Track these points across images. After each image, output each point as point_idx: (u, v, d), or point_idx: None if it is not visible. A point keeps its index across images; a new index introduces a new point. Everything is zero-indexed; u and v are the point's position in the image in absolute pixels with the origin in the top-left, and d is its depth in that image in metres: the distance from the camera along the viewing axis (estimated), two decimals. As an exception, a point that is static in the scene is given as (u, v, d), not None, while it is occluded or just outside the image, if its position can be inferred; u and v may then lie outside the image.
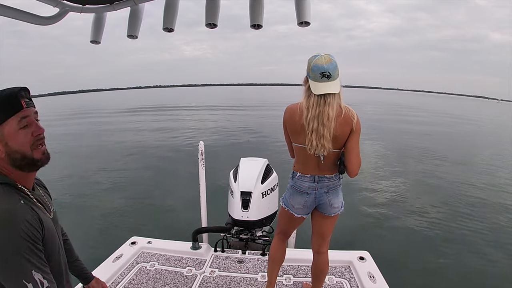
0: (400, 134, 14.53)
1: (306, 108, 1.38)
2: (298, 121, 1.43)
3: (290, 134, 1.53)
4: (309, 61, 1.38)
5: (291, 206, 1.57)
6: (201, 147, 2.38)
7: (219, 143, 10.79)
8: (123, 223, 4.70)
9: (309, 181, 1.50)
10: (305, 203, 1.53)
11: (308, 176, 1.50)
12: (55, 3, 1.39)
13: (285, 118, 1.51)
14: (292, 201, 1.56)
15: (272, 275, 1.73)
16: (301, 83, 1.46)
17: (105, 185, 6.59)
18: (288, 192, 1.59)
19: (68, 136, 13.62)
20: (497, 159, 9.94)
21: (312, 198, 1.51)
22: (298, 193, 1.53)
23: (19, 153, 0.77)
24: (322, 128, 1.35)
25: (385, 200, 5.74)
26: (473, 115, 31.31)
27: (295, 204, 1.55)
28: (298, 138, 1.47)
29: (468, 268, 3.57)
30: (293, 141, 1.52)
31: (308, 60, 1.40)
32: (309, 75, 1.38)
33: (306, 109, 1.38)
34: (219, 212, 2.79)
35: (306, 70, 1.41)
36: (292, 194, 1.56)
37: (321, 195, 1.51)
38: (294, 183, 1.54)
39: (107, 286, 1.36)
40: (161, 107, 32.55)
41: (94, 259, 2.16)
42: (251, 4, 1.43)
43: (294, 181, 1.54)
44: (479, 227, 4.60)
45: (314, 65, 1.35)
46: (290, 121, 1.48)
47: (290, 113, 1.49)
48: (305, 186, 1.50)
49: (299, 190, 1.52)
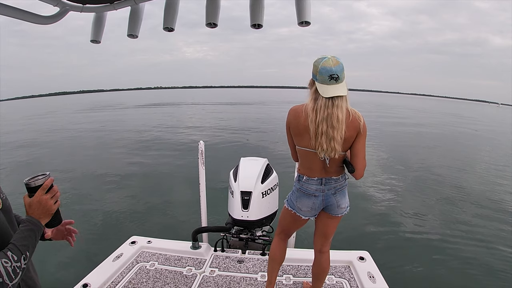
0: (400, 134, 14.54)
1: (313, 110, 1.36)
2: (302, 123, 1.41)
3: (293, 136, 1.50)
4: (315, 64, 1.36)
5: (298, 209, 1.55)
6: (201, 147, 2.38)
7: (219, 143, 10.80)
8: (123, 222, 4.70)
9: (316, 183, 1.48)
10: (313, 205, 1.52)
11: (315, 179, 1.48)
12: (56, 3, 1.40)
13: (289, 119, 1.48)
14: (299, 204, 1.54)
15: (272, 275, 1.73)
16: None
17: (105, 184, 6.60)
18: (294, 195, 1.56)
19: (68, 136, 13.65)
20: (497, 159, 9.95)
21: (320, 200, 1.51)
22: (306, 196, 1.51)
23: None
24: (332, 131, 1.33)
25: (385, 200, 5.74)
26: (472, 119, 31.32)
27: (303, 207, 1.54)
28: (301, 140, 1.45)
29: (468, 268, 3.56)
30: (297, 144, 1.49)
31: (314, 63, 1.37)
32: (316, 78, 1.35)
33: (313, 112, 1.36)
34: (219, 211, 2.79)
35: (312, 72, 1.39)
36: (299, 197, 1.53)
37: (329, 196, 1.51)
38: (301, 186, 1.52)
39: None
40: (161, 107, 32.54)
41: (94, 259, 2.16)
42: (251, 4, 1.43)
43: (300, 184, 1.52)
44: (480, 227, 4.60)
45: (322, 68, 1.32)
46: (294, 122, 1.45)
47: (294, 115, 1.46)
48: (313, 189, 1.49)
49: (307, 193, 1.50)
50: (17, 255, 0.75)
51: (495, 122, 28.22)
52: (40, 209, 0.86)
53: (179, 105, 37.91)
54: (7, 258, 0.73)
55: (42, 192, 0.86)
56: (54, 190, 0.89)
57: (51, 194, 0.88)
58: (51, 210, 0.88)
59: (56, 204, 0.90)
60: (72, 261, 3.46)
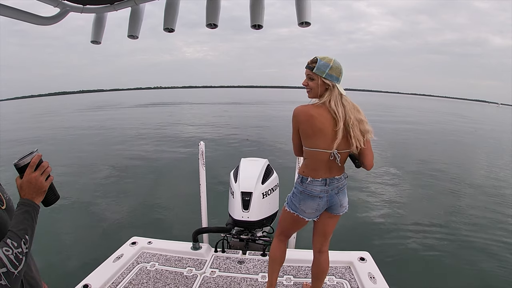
0: (400, 135, 14.54)
1: (337, 106, 1.40)
2: (318, 125, 1.41)
3: (304, 138, 1.48)
4: (338, 66, 1.41)
5: (302, 211, 1.54)
6: (202, 148, 2.38)
7: (220, 144, 10.79)
8: (124, 223, 4.70)
9: (321, 184, 1.49)
10: (317, 207, 1.52)
11: (319, 180, 1.48)
12: (56, 3, 1.40)
13: (299, 120, 1.46)
14: (303, 206, 1.53)
15: (273, 276, 1.73)
16: (302, 86, 1.48)
17: (106, 185, 6.59)
18: (297, 197, 1.55)
19: (68, 136, 13.65)
20: (498, 159, 9.96)
21: (324, 201, 1.51)
22: (310, 198, 1.51)
23: None
24: (359, 115, 1.43)
25: (386, 200, 5.74)
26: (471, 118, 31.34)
27: (307, 209, 1.53)
28: (314, 141, 1.44)
29: (468, 268, 3.56)
30: (307, 145, 1.47)
31: (333, 65, 1.40)
32: (339, 80, 1.43)
33: (339, 108, 1.40)
34: (220, 212, 2.79)
35: (332, 74, 1.40)
36: (303, 199, 1.52)
37: (332, 196, 1.52)
38: (304, 188, 1.51)
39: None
40: (161, 106, 32.54)
41: (95, 259, 2.16)
42: (252, 4, 1.43)
43: (304, 186, 1.51)
44: (481, 229, 4.59)
45: (342, 68, 1.42)
46: (306, 124, 1.43)
47: (306, 116, 1.43)
48: (317, 190, 1.49)
49: (311, 195, 1.50)
50: (17, 241, 0.74)
51: (494, 122, 28.25)
52: (31, 188, 0.83)
53: (179, 104, 37.93)
54: (7, 246, 0.72)
55: (31, 170, 0.83)
56: (43, 166, 0.85)
57: (40, 170, 0.84)
58: (43, 188, 0.85)
59: (48, 180, 0.86)
60: (72, 261, 3.46)
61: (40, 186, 0.84)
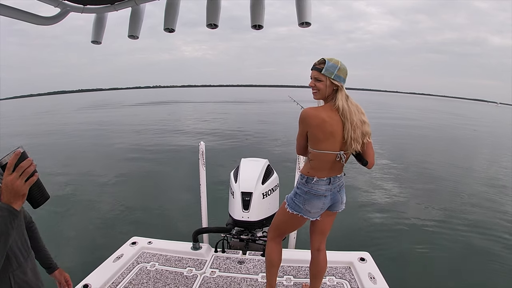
0: (400, 135, 14.54)
1: (347, 107, 1.42)
2: (328, 129, 1.42)
3: (314, 141, 1.47)
4: (346, 67, 1.43)
5: (306, 212, 1.54)
6: (202, 148, 2.38)
7: (220, 144, 10.79)
8: (124, 223, 4.69)
9: (325, 183, 1.51)
10: (323, 205, 1.54)
11: (324, 179, 1.50)
12: (56, 3, 1.40)
13: (310, 123, 1.44)
14: (308, 206, 1.53)
15: (272, 279, 1.72)
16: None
17: (106, 185, 6.59)
18: (301, 198, 1.53)
19: (67, 136, 13.64)
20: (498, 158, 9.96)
21: (328, 199, 1.54)
22: (316, 197, 1.52)
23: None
24: (363, 117, 1.46)
25: (386, 200, 5.73)
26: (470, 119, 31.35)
27: (312, 209, 1.53)
28: (323, 144, 1.44)
29: (468, 268, 3.56)
30: (316, 148, 1.47)
31: (341, 66, 1.42)
32: (345, 81, 1.45)
33: (347, 110, 1.42)
34: (220, 212, 2.79)
35: (340, 75, 1.42)
36: (309, 200, 1.52)
37: (335, 194, 1.55)
38: (310, 189, 1.51)
39: (70, 279, 1.38)
40: (160, 105, 32.51)
41: (95, 259, 2.16)
42: (252, 4, 1.43)
43: (309, 186, 1.51)
44: (481, 229, 4.59)
45: (347, 70, 1.43)
46: (317, 128, 1.43)
47: (318, 120, 1.43)
48: (323, 189, 1.51)
49: (317, 195, 1.51)
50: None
51: (494, 121, 28.25)
52: (8, 192, 0.75)
53: (178, 103, 37.89)
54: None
55: (8, 173, 0.75)
56: (22, 167, 0.76)
57: (18, 172, 0.75)
58: (20, 192, 0.76)
59: (28, 182, 0.77)
60: (72, 261, 3.45)
61: (17, 190, 0.75)
